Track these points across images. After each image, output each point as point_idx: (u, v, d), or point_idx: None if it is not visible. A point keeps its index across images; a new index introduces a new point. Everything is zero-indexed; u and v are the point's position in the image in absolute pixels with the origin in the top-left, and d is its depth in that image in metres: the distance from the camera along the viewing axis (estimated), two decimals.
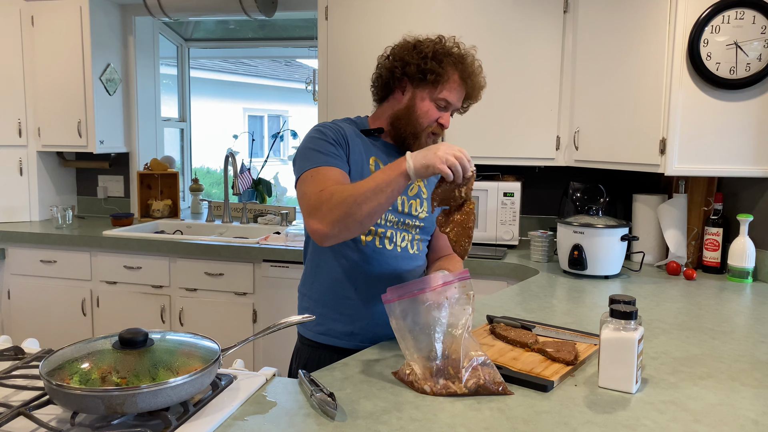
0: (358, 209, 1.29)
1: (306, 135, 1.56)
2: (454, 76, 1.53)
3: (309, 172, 1.44)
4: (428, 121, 1.54)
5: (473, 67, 1.55)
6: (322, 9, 3.13)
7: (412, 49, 1.54)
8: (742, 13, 2.27)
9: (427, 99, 1.53)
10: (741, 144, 2.33)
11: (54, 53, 3.54)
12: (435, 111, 1.54)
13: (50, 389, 1.01)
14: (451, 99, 1.54)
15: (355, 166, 1.52)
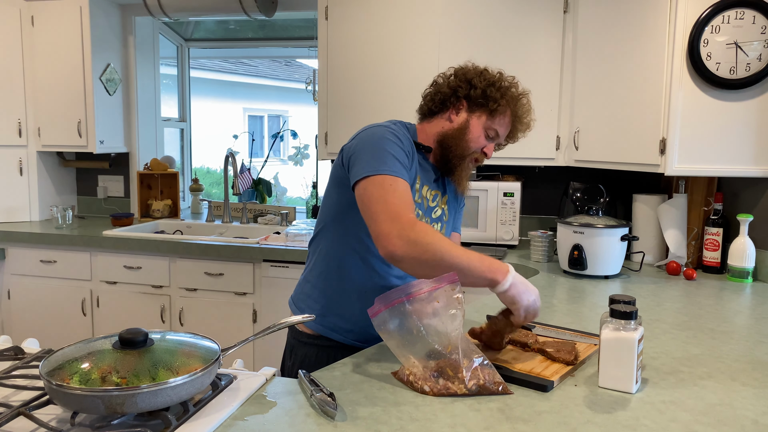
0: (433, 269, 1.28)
1: (374, 131, 1.47)
2: (508, 111, 1.57)
3: (389, 179, 1.37)
4: (476, 147, 1.57)
5: (524, 108, 1.60)
6: (322, 9, 3.13)
7: (479, 74, 1.58)
8: (742, 13, 2.27)
9: (481, 126, 1.56)
10: (741, 144, 2.33)
11: (54, 53, 3.54)
12: (484, 139, 1.57)
13: (50, 389, 1.01)
14: (501, 132, 1.58)
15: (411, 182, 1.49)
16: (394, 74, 3.07)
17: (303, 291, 1.66)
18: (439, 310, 1.23)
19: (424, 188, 1.58)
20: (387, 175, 1.37)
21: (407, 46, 3.03)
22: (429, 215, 1.60)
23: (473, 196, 3.00)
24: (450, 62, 2.98)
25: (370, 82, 3.10)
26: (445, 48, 2.98)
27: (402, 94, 3.07)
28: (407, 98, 3.07)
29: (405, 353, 1.25)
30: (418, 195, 1.55)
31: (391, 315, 1.25)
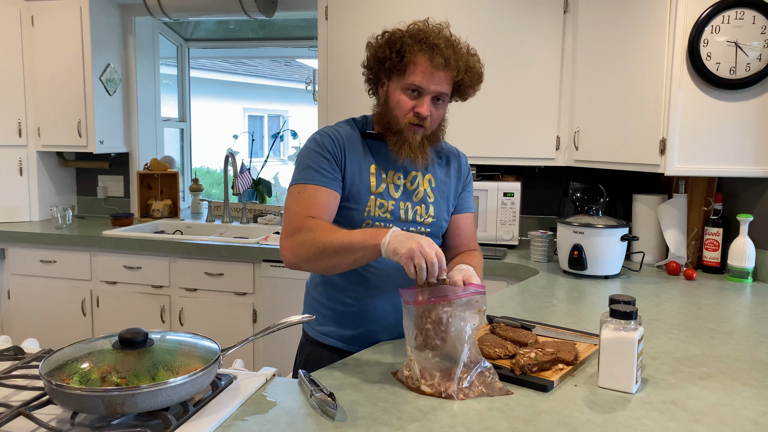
0: (323, 259, 1.34)
1: (306, 141, 1.53)
2: (419, 57, 1.42)
3: (297, 187, 1.45)
4: (403, 113, 1.45)
5: (438, 40, 1.42)
6: (322, 9, 3.13)
7: (377, 40, 1.49)
8: (742, 13, 2.27)
9: (398, 89, 1.45)
10: (741, 144, 2.33)
11: (54, 53, 3.54)
12: (407, 100, 1.44)
13: (50, 389, 1.01)
14: (421, 82, 1.42)
15: (353, 176, 1.48)
16: None
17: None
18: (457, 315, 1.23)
19: (390, 172, 1.52)
20: (297, 184, 1.45)
21: None
22: (410, 199, 1.53)
23: (473, 196, 3.00)
24: None
25: None
26: None
27: None
28: None
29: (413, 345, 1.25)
30: (384, 182, 1.51)
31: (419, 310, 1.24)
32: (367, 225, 1.48)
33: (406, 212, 1.52)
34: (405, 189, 1.54)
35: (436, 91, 1.44)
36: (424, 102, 1.44)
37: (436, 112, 1.48)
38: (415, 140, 1.47)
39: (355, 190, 1.48)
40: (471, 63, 1.46)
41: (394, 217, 1.51)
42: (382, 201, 1.50)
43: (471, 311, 1.25)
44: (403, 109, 1.45)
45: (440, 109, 1.49)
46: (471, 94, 1.54)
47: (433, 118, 1.48)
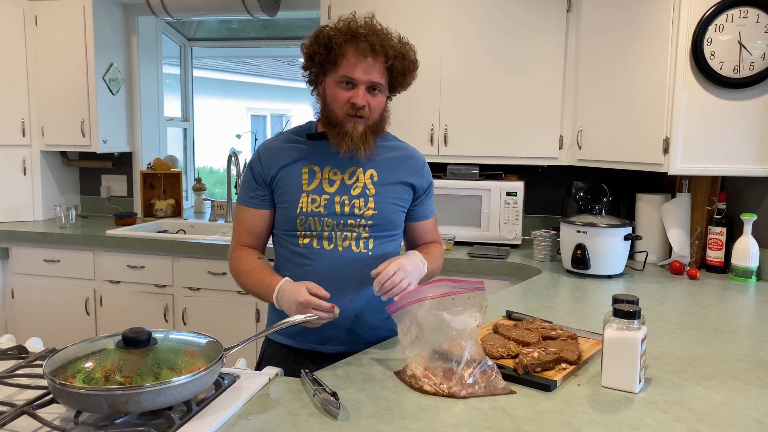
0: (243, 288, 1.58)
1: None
2: (346, 48, 1.45)
3: (236, 206, 1.65)
4: (340, 105, 1.48)
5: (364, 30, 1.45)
6: (324, 8, 3.13)
7: (311, 39, 1.51)
8: (745, 11, 2.26)
9: (333, 83, 1.49)
10: (745, 143, 2.33)
11: (57, 53, 3.55)
12: (342, 92, 1.47)
13: (54, 388, 1.01)
14: (351, 73, 1.45)
15: (284, 180, 1.55)
16: None
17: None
18: (458, 313, 1.24)
19: (326, 168, 1.55)
20: (237, 202, 1.65)
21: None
22: (347, 192, 1.54)
23: (476, 196, 3.00)
24: (452, 61, 2.99)
25: None
26: (448, 47, 2.98)
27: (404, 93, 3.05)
28: (410, 97, 3.06)
29: (411, 348, 1.25)
30: (317, 179, 1.54)
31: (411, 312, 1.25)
32: (301, 221, 1.53)
33: (342, 206, 1.53)
34: (342, 183, 1.55)
35: (368, 80, 1.46)
36: (359, 92, 1.46)
37: (373, 101, 1.49)
38: (356, 131, 1.49)
39: (288, 191, 1.55)
40: (400, 49, 1.49)
41: (328, 211, 1.52)
42: (314, 197, 1.53)
43: (472, 309, 1.25)
44: (339, 101, 1.48)
45: (377, 98, 1.50)
46: (408, 82, 1.55)
47: (372, 108, 1.49)
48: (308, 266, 1.54)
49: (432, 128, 3.05)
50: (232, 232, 1.64)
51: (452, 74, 2.99)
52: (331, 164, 1.55)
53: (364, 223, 1.54)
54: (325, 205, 1.53)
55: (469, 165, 3.07)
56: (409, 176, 1.61)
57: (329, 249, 1.53)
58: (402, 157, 1.62)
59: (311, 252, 1.54)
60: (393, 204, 1.57)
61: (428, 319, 1.25)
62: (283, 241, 1.59)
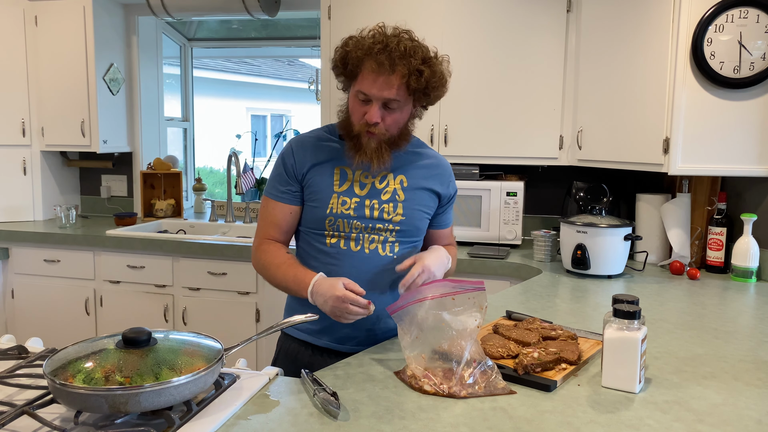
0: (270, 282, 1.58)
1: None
2: (364, 63, 1.44)
3: (264, 199, 1.63)
4: (357, 119, 1.49)
5: (384, 45, 1.42)
6: (324, 8, 3.13)
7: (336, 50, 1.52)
8: (746, 12, 2.26)
9: (353, 95, 1.49)
10: (745, 143, 2.33)
11: (57, 53, 3.55)
12: (359, 107, 1.48)
13: (54, 388, 1.01)
14: (368, 90, 1.44)
15: (315, 178, 1.56)
16: None
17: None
18: (458, 314, 1.24)
19: (358, 171, 1.56)
20: (265, 196, 1.63)
21: None
22: (377, 197, 1.55)
23: (476, 196, 3.00)
24: (453, 61, 2.97)
25: None
26: (448, 47, 2.98)
27: None
28: None
29: (411, 348, 1.25)
30: (349, 181, 1.55)
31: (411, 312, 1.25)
32: (330, 221, 1.54)
33: (371, 209, 1.54)
34: (373, 187, 1.56)
35: (383, 96, 1.44)
36: (372, 108, 1.46)
37: (389, 117, 1.48)
38: (370, 146, 1.49)
39: (318, 190, 1.55)
40: (418, 66, 1.44)
41: (358, 214, 1.53)
42: (344, 198, 1.54)
43: (472, 309, 1.25)
44: (356, 115, 1.49)
45: (394, 115, 1.48)
46: (433, 96, 1.51)
47: (387, 124, 1.48)
48: (333, 265, 1.54)
49: (432, 128, 3.05)
50: (258, 226, 1.62)
51: (452, 74, 2.99)
52: (364, 168, 1.56)
53: (391, 228, 1.55)
54: (355, 208, 1.53)
55: (469, 165, 3.07)
56: (436, 184, 1.63)
57: (356, 250, 1.54)
58: (432, 165, 1.64)
59: (338, 252, 1.54)
60: (420, 211, 1.59)
61: (428, 319, 1.25)
62: (309, 239, 1.59)
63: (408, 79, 1.43)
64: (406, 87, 1.44)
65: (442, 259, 1.53)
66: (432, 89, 1.48)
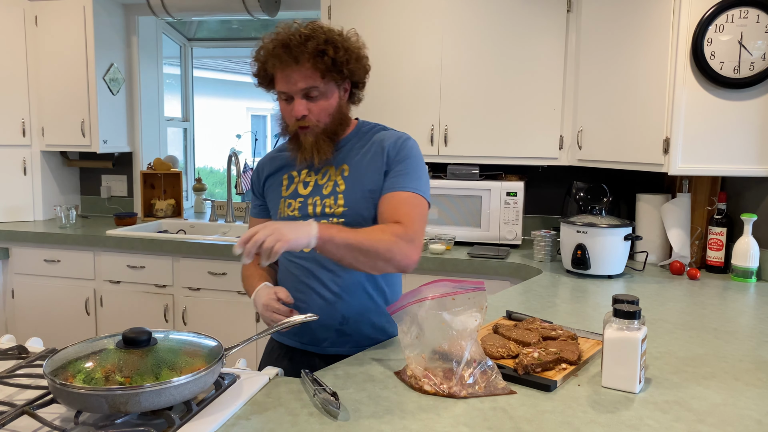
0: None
1: None
2: (272, 64, 1.45)
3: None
4: (288, 120, 1.51)
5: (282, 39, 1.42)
6: (324, 8, 3.13)
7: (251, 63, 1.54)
8: (746, 12, 2.26)
9: (278, 100, 1.52)
10: (745, 143, 2.33)
11: (57, 53, 3.55)
12: (285, 106, 1.51)
13: (54, 388, 1.01)
14: (283, 87, 1.46)
15: (270, 190, 1.62)
16: (396, 73, 3.07)
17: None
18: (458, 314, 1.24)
19: (303, 172, 1.58)
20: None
21: (410, 45, 3.03)
22: (319, 193, 1.53)
23: (476, 196, 3.00)
24: (453, 61, 2.99)
25: (372, 82, 3.08)
26: (448, 47, 2.98)
27: (405, 93, 3.07)
28: (410, 97, 3.07)
29: (411, 348, 1.25)
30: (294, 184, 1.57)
31: (411, 312, 1.25)
32: None
33: (314, 207, 1.53)
34: (315, 184, 1.55)
35: (298, 88, 1.45)
36: (295, 103, 1.47)
37: (315, 107, 1.47)
38: (307, 141, 1.49)
39: (271, 199, 1.62)
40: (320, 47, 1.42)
41: (302, 213, 1.54)
42: (290, 201, 1.56)
43: (472, 309, 1.25)
44: (286, 116, 1.51)
45: (319, 103, 1.47)
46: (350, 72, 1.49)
47: (315, 113, 1.48)
48: (294, 270, 1.57)
49: (432, 128, 3.05)
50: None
51: (452, 74, 2.99)
52: (308, 168, 1.57)
53: (336, 221, 1.50)
54: (299, 208, 1.54)
55: (469, 165, 3.07)
56: (378, 160, 1.52)
57: (308, 251, 1.52)
58: (375, 141, 1.55)
59: (293, 255, 1.56)
60: (363, 198, 1.50)
61: (428, 319, 1.25)
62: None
63: (314, 62, 1.42)
64: (317, 71, 1.43)
65: (297, 224, 1.30)
66: (344, 65, 1.46)
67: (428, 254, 2.82)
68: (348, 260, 1.35)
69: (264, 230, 1.23)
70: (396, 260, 1.37)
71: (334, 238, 1.31)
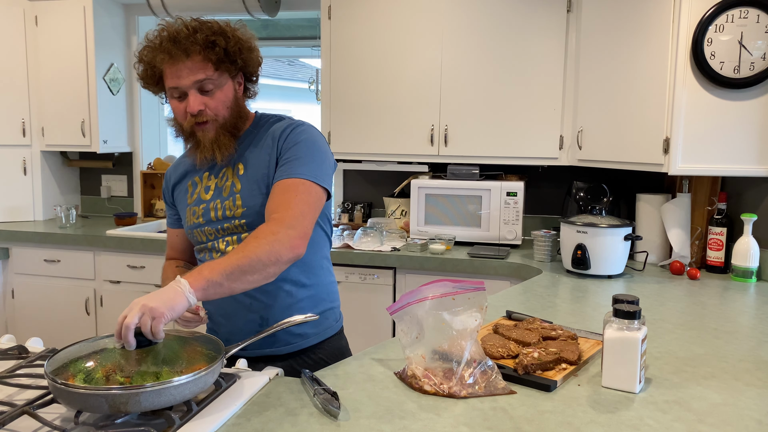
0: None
1: None
2: (160, 59, 1.38)
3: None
4: (181, 118, 1.44)
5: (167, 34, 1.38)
6: (325, 8, 3.13)
7: (135, 63, 1.46)
8: (746, 12, 2.26)
9: (169, 97, 1.44)
10: (745, 143, 2.33)
11: (58, 53, 3.55)
12: (177, 104, 1.43)
13: (54, 388, 1.01)
14: (176, 82, 1.39)
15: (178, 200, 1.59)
16: (397, 73, 3.07)
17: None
18: (458, 313, 1.24)
19: (204, 176, 1.53)
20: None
21: (410, 45, 3.03)
22: (219, 196, 1.48)
23: (476, 196, 3.00)
24: (453, 61, 2.99)
25: (373, 82, 3.10)
26: (448, 47, 2.98)
27: (405, 93, 3.07)
28: (410, 97, 3.07)
29: (411, 348, 1.25)
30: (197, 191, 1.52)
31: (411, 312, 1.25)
32: (190, 234, 1.55)
33: (215, 211, 1.48)
34: (216, 188, 1.50)
35: (192, 82, 1.38)
36: (190, 98, 1.40)
37: (211, 101, 1.41)
38: (207, 137, 1.43)
39: (180, 209, 1.59)
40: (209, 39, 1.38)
41: (206, 219, 1.49)
42: (194, 208, 1.52)
43: (472, 309, 1.25)
44: (179, 114, 1.44)
45: (215, 96, 1.42)
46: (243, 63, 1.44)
47: (212, 107, 1.42)
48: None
49: (432, 128, 3.05)
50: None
51: (452, 74, 2.99)
52: (209, 171, 1.52)
53: (238, 223, 1.45)
54: (203, 214, 1.50)
55: (469, 165, 3.07)
56: (270, 152, 1.46)
57: (217, 257, 1.43)
58: (267, 134, 1.49)
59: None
60: (261, 194, 1.44)
61: (428, 319, 1.25)
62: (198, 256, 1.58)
63: (205, 54, 1.37)
64: (210, 62, 1.38)
65: (164, 293, 1.16)
66: (236, 55, 1.42)
67: (428, 254, 2.82)
68: (240, 287, 1.25)
69: (132, 313, 1.09)
70: (283, 256, 1.28)
71: (212, 280, 1.19)
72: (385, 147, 3.11)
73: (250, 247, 1.26)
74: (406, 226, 3.30)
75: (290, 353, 1.53)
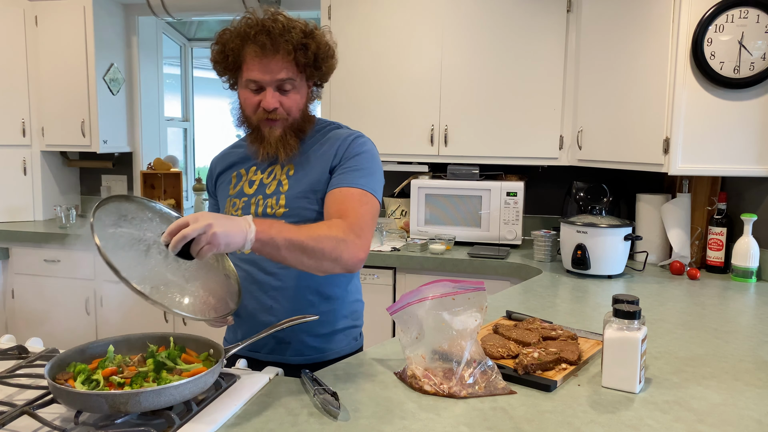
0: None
1: None
2: (247, 50, 1.37)
3: None
4: (251, 110, 1.42)
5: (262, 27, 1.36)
6: (324, 8, 3.13)
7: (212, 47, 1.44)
8: (746, 12, 2.26)
9: (243, 87, 1.43)
10: (745, 143, 2.33)
11: (58, 53, 3.55)
12: (252, 96, 1.41)
13: (54, 388, 1.01)
14: (258, 76, 1.37)
15: (220, 190, 1.57)
16: (397, 73, 3.06)
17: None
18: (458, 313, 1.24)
19: (251, 170, 1.52)
20: None
21: (410, 45, 3.03)
22: (263, 192, 1.47)
23: (476, 196, 3.00)
24: (453, 61, 2.99)
25: (373, 81, 3.10)
26: (448, 47, 2.98)
27: (405, 92, 3.07)
28: (410, 97, 3.07)
29: (412, 348, 1.25)
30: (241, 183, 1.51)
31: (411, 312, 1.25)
32: None
33: (256, 207, 1.47)
34: (261, 183, 1.49)
35: (274, 79, 1.38)
36: (267, 94, 1.39)
37: (287, 100, 1.41)
38: (273, 135, 1.43)
39: (221, 199, 1.57)
40: (301, 40, 1.39)
41: (244, 213, 1.48)
42: (234, 200, 1.51)
43: (472, 309, 1.25)
44: (251, 106, 1.43)
45: (291, 96, 1.42)
46: (325, 69, 1.46)
47: (286, 107, 1.42)
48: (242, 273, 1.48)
49: (432, 128, 3.05)
50: None
51: (452, 74, 2.99)
52: (257, 165, 1.52)
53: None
54: (242, 208, 1.49)
55: (469, 165, 3.07)
56: (328, 159, 1.46)
57: (248, 252, 1.45)
58: (324, 141, 1.50)
59: (237, 258, 1.49)
60: (305, 198, 1.44)
61: (428, 319, 1.25)
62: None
63: (295, 55, 1.37)
64: (296, 64, 1.39)
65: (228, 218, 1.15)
66: (322, 61, 1.43)
67: (428, 254, 2.82)
68: (290, 262, 1.22)
69: (195, 225, 1.06)
70: (343, 260, 1.26)
71: (275, 239, 1.17)
72: (385, 147, 3.11)
73: (320, 233, 1.24)
74: (406, 226, 3.30)
75: (301, 364, 1.48)
